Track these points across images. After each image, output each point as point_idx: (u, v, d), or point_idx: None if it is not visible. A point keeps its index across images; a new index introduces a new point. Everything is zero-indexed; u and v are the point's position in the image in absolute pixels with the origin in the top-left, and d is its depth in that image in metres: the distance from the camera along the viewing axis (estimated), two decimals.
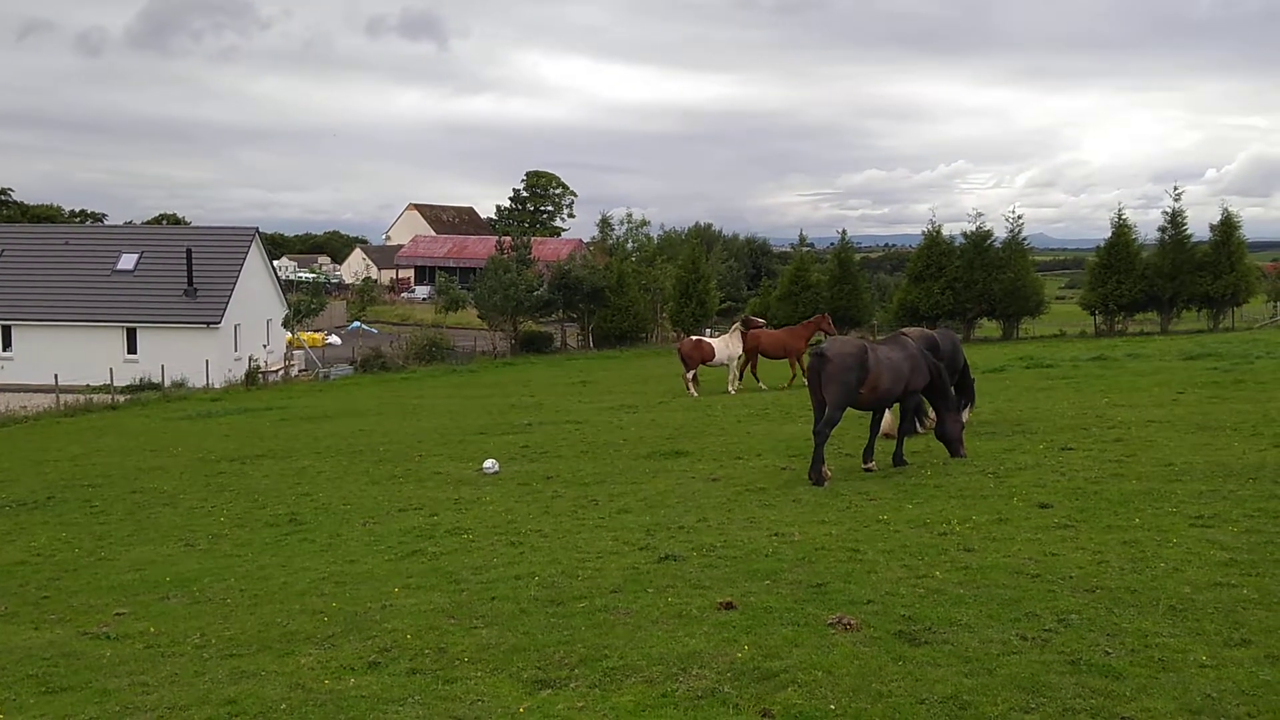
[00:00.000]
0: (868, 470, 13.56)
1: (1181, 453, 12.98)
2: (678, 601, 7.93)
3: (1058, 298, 68.36)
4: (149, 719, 6.44)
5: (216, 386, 42.90)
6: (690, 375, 28.38)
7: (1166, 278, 50.48)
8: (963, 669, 6.01)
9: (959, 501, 11.05)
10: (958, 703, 5.54)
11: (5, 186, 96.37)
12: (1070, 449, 13.98)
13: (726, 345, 28.85)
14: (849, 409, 13.44)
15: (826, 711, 5.61)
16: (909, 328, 15.05)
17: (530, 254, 61.92)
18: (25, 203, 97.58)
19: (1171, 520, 9.34)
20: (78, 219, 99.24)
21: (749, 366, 29.63)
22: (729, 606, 7.64)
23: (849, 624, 6.93)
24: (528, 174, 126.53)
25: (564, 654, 6.97)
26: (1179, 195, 52.42)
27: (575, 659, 6.86)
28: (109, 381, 39.99)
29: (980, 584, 7.71)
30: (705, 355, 28.52)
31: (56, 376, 38.50)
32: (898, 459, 13.94)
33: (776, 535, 10.07)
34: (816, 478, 12.94)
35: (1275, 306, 57.43)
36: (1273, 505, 9.63)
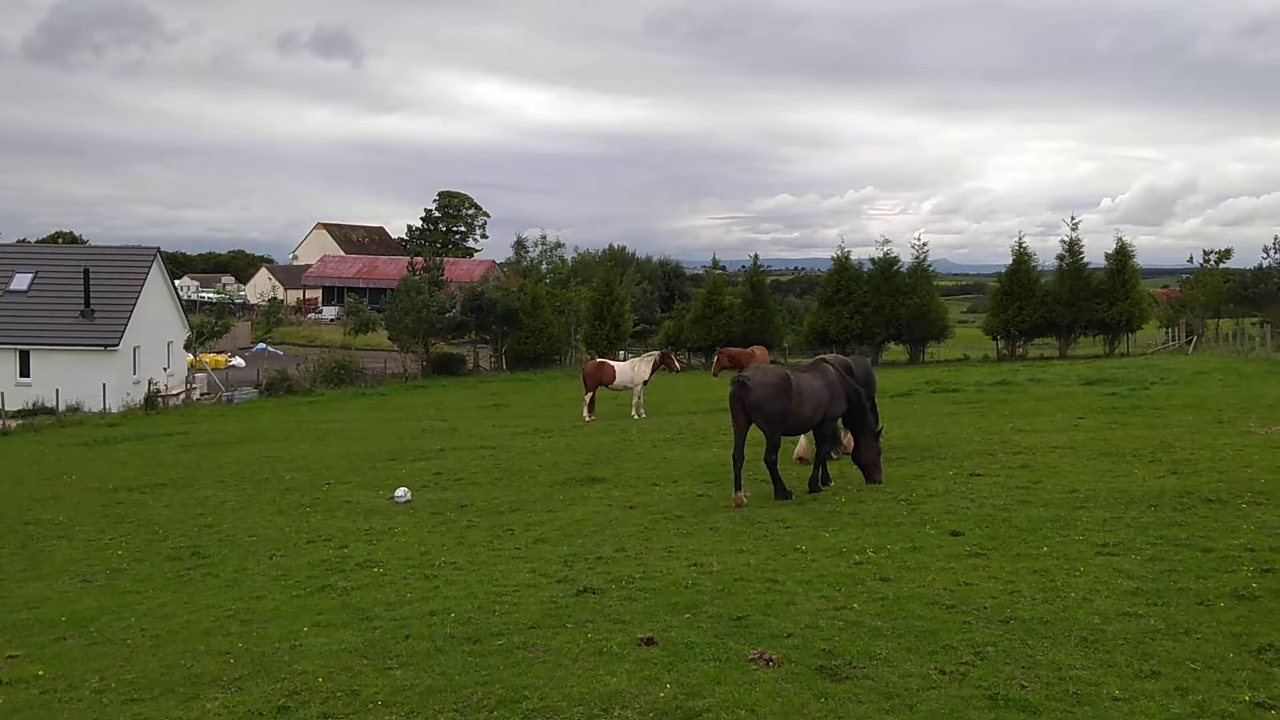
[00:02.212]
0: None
1: (1085, 479, 13.34)
2: (597, 638, 7.84)
3: (960, 322, 70.08)
4: None
5: (114, 411, 41.46)
6: (589, 397, 28.22)
7: (1065, 304, 52.23)
8: (883, 705, 6.03)
9: (874, 529, 11.18)
10: None
11: None
12: (979, 475, 14.27)
13: (631, 370, 28.73)
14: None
15: None
16: (827, 354, 15.29)
17: (443, 275, 61.39)
18: None
19: (1079, 548, 9.56)
20: None
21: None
22: (650, 642, 7.58)
23: (770, 659, 6.92)
24: (440, 194, 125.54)
25: (482, 695, 6.82)
26: (1076, 224, 54.50)
27: (494, 700, 6.71)
28: (0, 406, 38.31)
29: (897, 615, 7.78)
30: (605, 377, 28.36)
31: None
32: (814, 484, 14.08)
33: (695, 565, 10.04)
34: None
35: (1168, 332, 59.70)
36: (1174, 533, 9.93)
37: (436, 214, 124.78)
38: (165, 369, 49.94)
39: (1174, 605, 7.63)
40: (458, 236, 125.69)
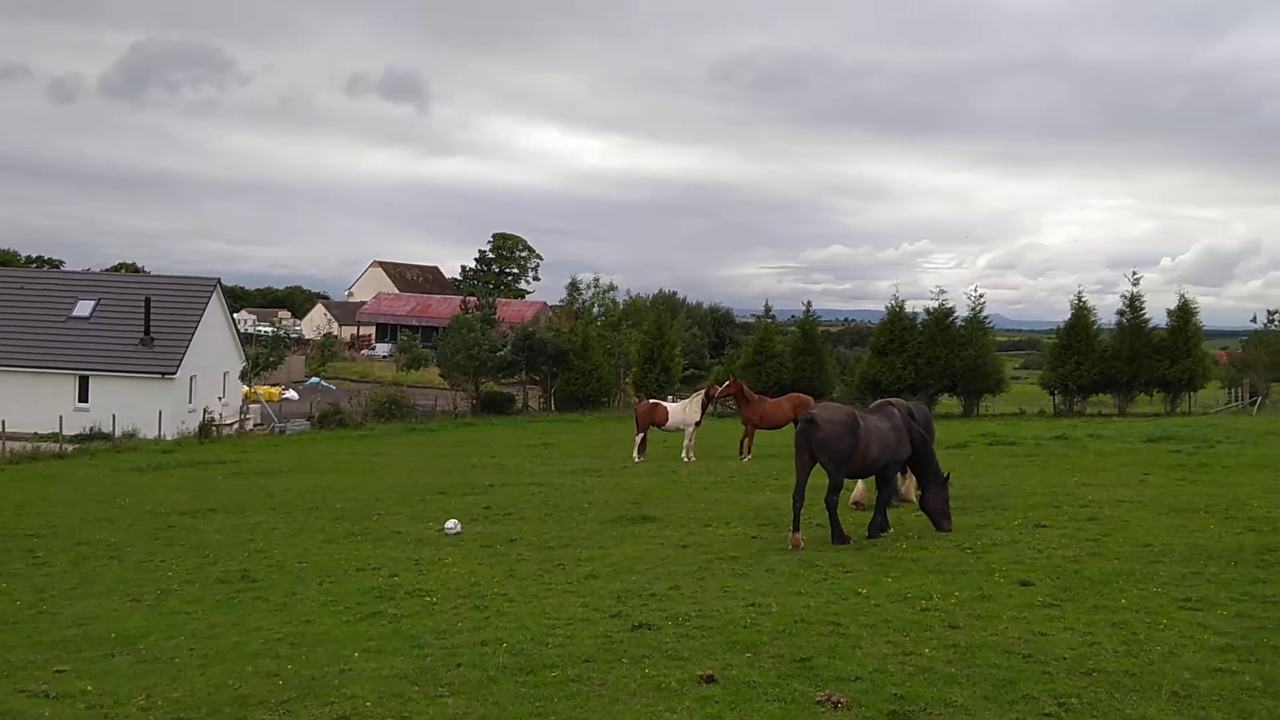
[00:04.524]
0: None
1: (1158, 534, 12.85)
2: (655, 673, 7.56)
3: (1014, 378, 68.94)
4: None
5: (169, 438, 41.89)
6: (640, 438, 28.01)
7: (1125, 360, 51.17)
8: None
9: (938, 576, 10.80)
10: None
11: None
12: (1044, 526, 13.82)
13: (683, 411, 28.50)
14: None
15: None
16: (892, 399, 15.00)
17: (495, 314, 61.72)
18: None
19: (1159, 602, 9.14)
20: (35, 264, 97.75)
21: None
22: (710, 680, 7.29)
23: (839, 702, 6.60)
24: (494, 236, 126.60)
25: None
26: (1138, 280, 53.44)
27: None
28: (58, 430, 38.91)
29: (971, 663, 7.42)
30: (659, 419, 28.15)
31: (3, 423, 37.34)
32: (874, 529, 13.70)
33: (753, 606, 9.74)
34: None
35: (1230, 393, 58.27)
36: (1259, 589, 9.47)
37: (490, 255, 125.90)
38: (220, 398, 50.52)
39: (1269, 663, 7.20)
40: (510, 278, 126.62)
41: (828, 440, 12.95)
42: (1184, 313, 52.11)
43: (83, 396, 45.73)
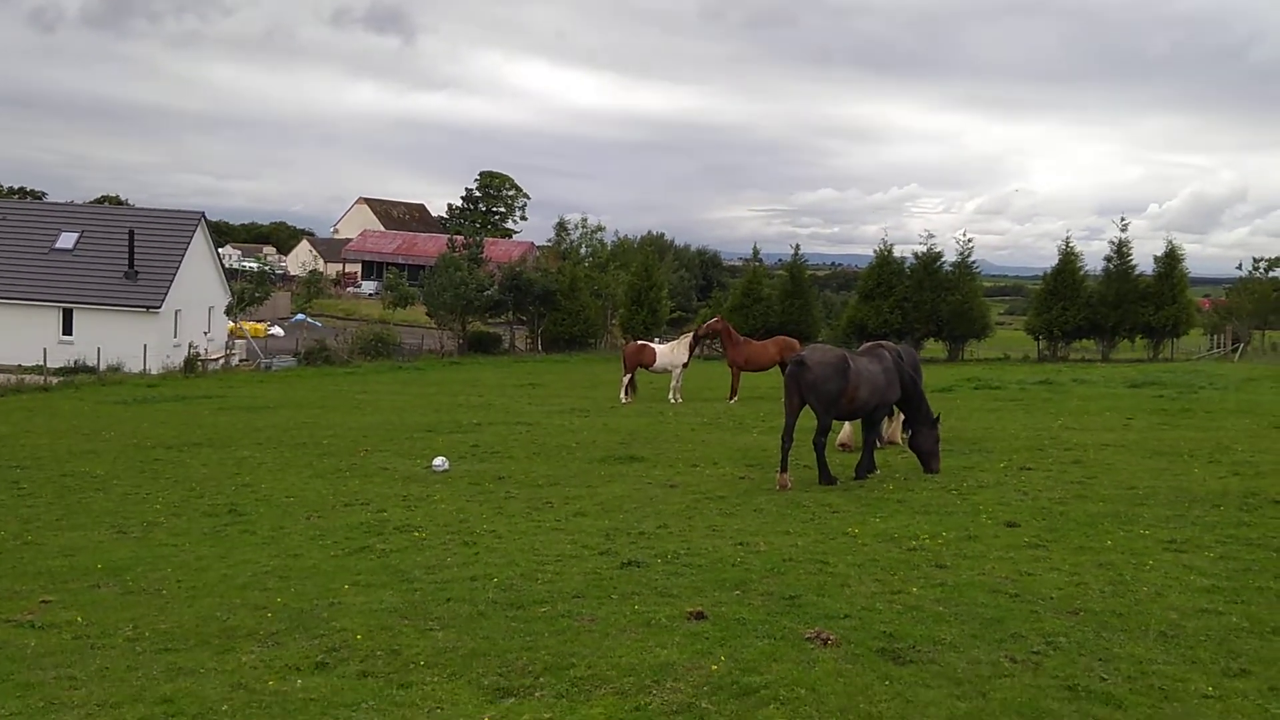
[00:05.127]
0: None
1: (1142, 477, 12.93)
2: (645, 609, 7.59)
3: (998, 323, 68.99)
4: (77, 716, 5.95)
5: (154, 372, 41.67)
6: (627, 379, 28.00)
7: (1110, 306, 51.27)
8: (954, 691, 5.73)
9: (925, 517, 10.84)
10: None
11: None
12: (1029, 469, 13.89)
13: (671, 352, 28.46)
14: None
15: None
16: (883, 341, 14.95)
17: (482, 253, 61.33)
18: None
19: (1144, 544, 9.19)
20: (16, 196, 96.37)
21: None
22: (699, 616, 7.31)
23: (828, 639, 6.63)
24: (481, 174, 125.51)
25: (527, 660, 6.59)
26: (1125, 225, 53.39)
27: (539, 666, 6.48)
28: (42, 362, 38.64)
29: (959, 602, 7.46)
30: (646, 360, 28.13)
31: None
32: (861, 470, 13.74)
33: (741, 545, 9.77)
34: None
35: (1213, 339, 58.59)
36: (1243, 532, 9.54)
37: (477, 194, 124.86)
38: (205, 333, 50.19)
39: (1255, 604, 7.26)
40: (497, 217, 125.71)
41: (817, 382, 12.92)
42: (1171, 259, 52.14)
43: (67, 329, 45.34)
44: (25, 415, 26.47)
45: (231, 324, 53.36)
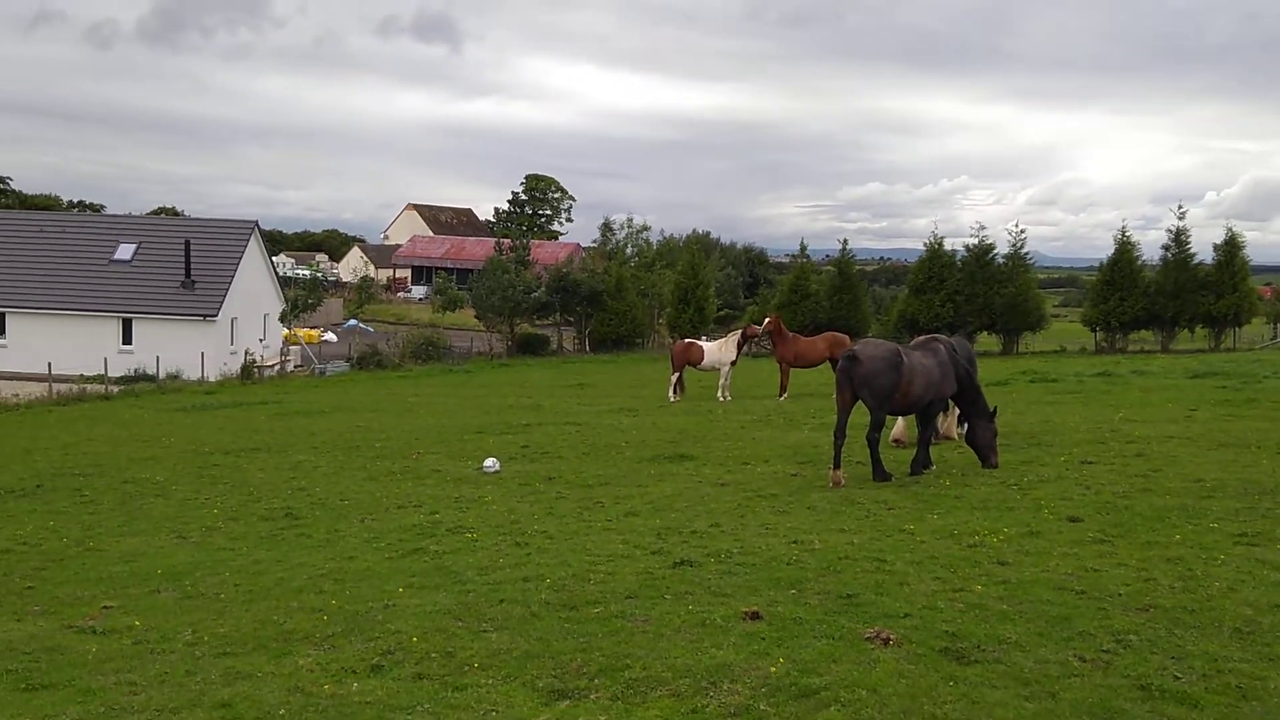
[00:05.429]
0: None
1: (1208, 469, 12.57)
2: (699, 610, 7.49)
3: (1053, 315, 67.86)
4: None
5: (211, 379, 42.34)
6: (675, 378, 27.88)
7: (1169, 296, 50.21)
8: (1022, 692, 5.57)
9: (984, 513, 10.62)
10: None
11: (4, 175, 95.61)
12: (1091, 462, 13.57)
13: (719, 350, 28.28)
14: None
15: None
16: (937, 334, 14.73)
17: (529, 256, 61.52)
18: (24, 192, 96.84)
19: (1214, 538, 8.92)
20: (75, 209, 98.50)
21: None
22: (755, 616, 7.20)
23: (888, 639, 6.49)
24: (527, 177, 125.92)
25: (581, 662, 6.53)
26: (1183, 213, 52.21)
27: (594, 668, 6.41)
28: (103, 372, 39.43)
29: (1023, 600, 7.28)
30: (694, 358, 27.98)
31: (50, 365, 37.93)
32: (916, 466, 13.52)
33: (796, 543, 9.63)
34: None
35: (1276, 328, 57.15)
36: None
37: (523, 197, 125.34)
38: (261, 340, 50.92)
39: None
40: (543, 219, 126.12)
41: (870, 376, 12.73)
42: (1231, 247, 50.92)
43: (126, 339, 46.25)
44: (88, 424, 26.99)
45: (286, 331, 54.07)
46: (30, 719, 5.99)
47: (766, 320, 28.67)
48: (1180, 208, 52.57)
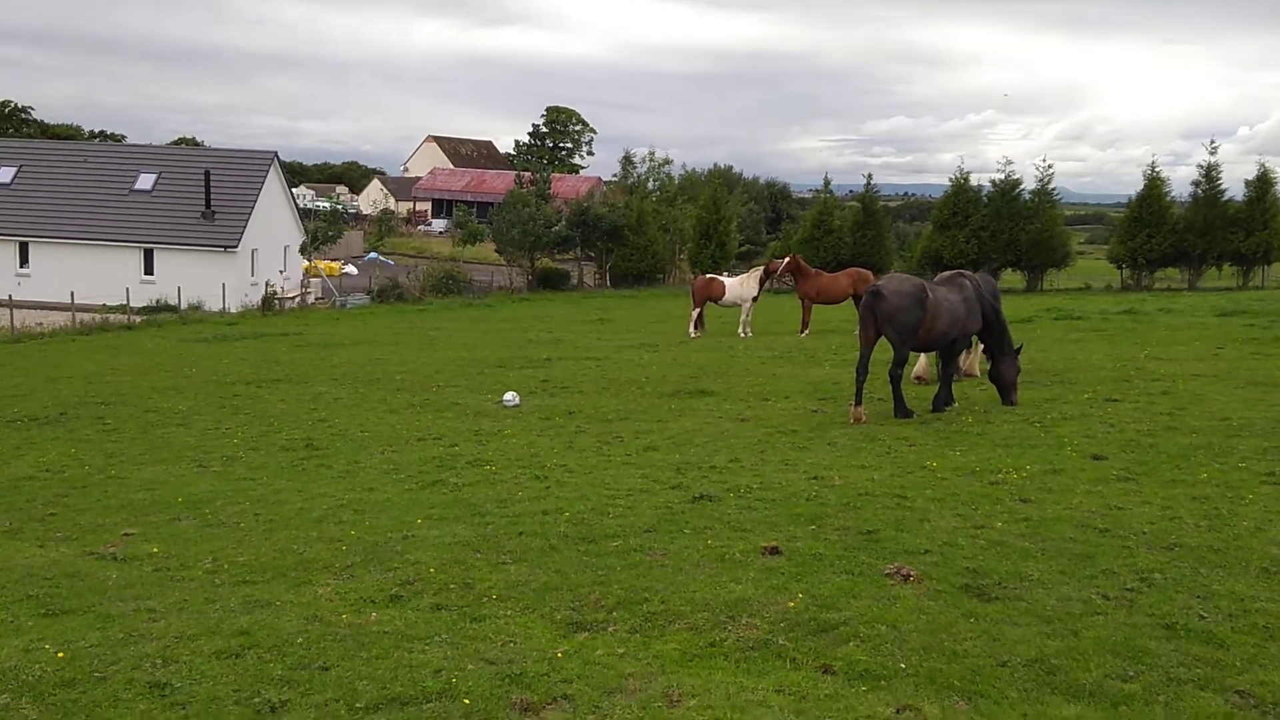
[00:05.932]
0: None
1: (1235, 408, 12.40)
2: (718, 544, 7.46)
3: (1079, 253, 66.95)
4: (155, 648, 6.01)
5: (232, 310, 42.44)
6: (696, 313, 27.71)
7: (1198, 233, 49.37)
8: (1044, 629, 5.51)
9: (1006, 450, 10.53)
10: (1045, 667, 5.04)
11: (26, 105, 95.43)
12: (1115, 400, 13.42)
13: (741, 285, 28.05)
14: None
15: (896, 670, 5.12)
16: (963, 270, 14.53)
17: (549, 189, 61.06)
18: (46, 122, 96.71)
19: (1241, 477, 8.80)
20: (97, 139, 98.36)
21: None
22: (774, 551, 7.16)
23: (908, 575, 6.44)
24: (548, 109, 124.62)
25: (600, 595, 6.51)
26: (1215, 149, 51.13)
27: (612, 601, 6.40)
28: (125, 301, 39.56)
29: (1045, 537, 7.20)
30: (715, 294, 27.78)
31: (73, 295, 38.07)
32: (939, 403, 13.40)
33: (816, 479, 9.58)
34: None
35: None
36: None
37: (544, 130, 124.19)
38: (281, 272, 50.94)
39: None
40: (564, 153, 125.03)
41: (894, 312, 12.56)
42: (1262, 183, 49.87)
43: (148, 269, 46.34)
44: (110, 354, 27.15)
45: (306, 263, 54.05)
46: (51, 644, 6.04)
47: (786, 259, 28.37)
48: (1212, 143, 51.50)
